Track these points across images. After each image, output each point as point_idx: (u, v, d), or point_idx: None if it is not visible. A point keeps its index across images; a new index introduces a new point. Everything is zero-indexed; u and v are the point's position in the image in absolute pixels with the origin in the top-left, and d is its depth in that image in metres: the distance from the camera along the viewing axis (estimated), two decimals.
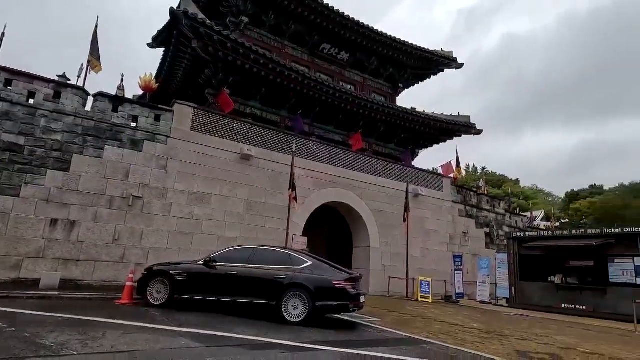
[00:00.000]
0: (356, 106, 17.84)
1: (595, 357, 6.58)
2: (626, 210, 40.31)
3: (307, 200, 15.98)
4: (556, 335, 8.93)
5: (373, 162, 18.55)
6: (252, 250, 8.12)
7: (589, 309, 13.19)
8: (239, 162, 14.46)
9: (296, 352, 5.10)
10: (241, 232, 14.01)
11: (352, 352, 5.44)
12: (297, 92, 16.70)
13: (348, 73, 21.26)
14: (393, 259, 17.84)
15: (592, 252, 13.53)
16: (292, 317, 7.11)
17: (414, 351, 5.97)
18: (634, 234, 12.69)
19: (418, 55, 21.17)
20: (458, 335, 7.83)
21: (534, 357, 6.25)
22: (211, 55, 14.49)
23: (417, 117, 19.47)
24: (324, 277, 7.31)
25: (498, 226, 23.00)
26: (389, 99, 22.32)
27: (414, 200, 18.85)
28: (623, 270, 12.91)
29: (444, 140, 22.24)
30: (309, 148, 16.51)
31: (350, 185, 17.42)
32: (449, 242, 20.19)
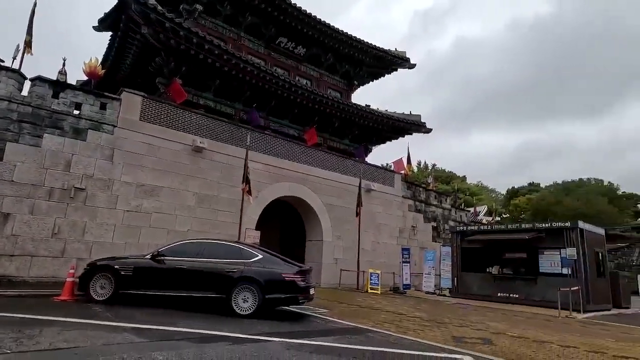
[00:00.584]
0: (312, 101, 17.99)
1: (521, 340, 7.23)
2: (558, 206, 43.85)
3: (261, 194, 15.96)
4: (490, 321, 9.66)
5: (327, 157, 18.83)
6: (202, 244, 8.06)
7: (521, 297, 14.33)
8: (190, 154, 14.14)
9: (244, 344, 5.19)
10: (192, 226, 13.75)
11: (298, 342, 5.61)
12: (252, 85, 16.55)
13: (304, 68, 21.35)
14: (345, 252, 18.29)
15: (525, 244, 14.69)
16: (242, 310, 7.18)
17: (359, 339, 6.26)
18: (561, 228, 13.93)
19: (373, 53, 21.68)
20: (402, 324, 8.26)
21: (468, 341, 6.76)
22: (162, 43, 14.00)
23: (371, 114, 19.98)
24: (275, 270, 7.43)
25: (444, 220, 24.22)
26: (344, 95, 22.70)
27: (366, 195, 19.37)
28: (551, 261, 14.15)
29: (396, 138, 23.00)
30: (263, 142, 16.45)
31: (305, 180, 17.60)
32: (398, 235, 21.00)
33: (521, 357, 5.77)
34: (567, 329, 9.31)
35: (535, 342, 7.18)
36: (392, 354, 5.44)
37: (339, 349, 5.39)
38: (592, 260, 13.89)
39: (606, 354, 6.45)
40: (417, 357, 5.37)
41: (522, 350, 6.31)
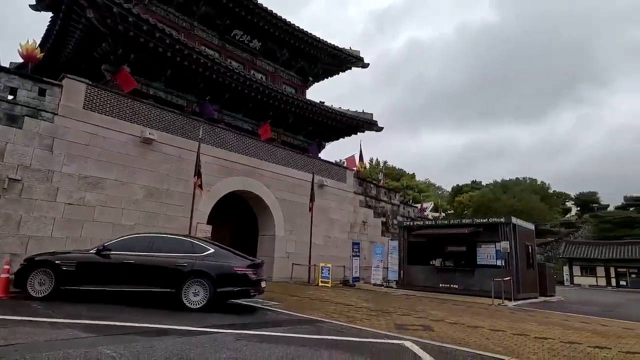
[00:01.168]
0: (266, 96, 17.95)
1: (457, 326, 7.86)
2: (496, 203, 47.10)
3: (213, 188, 15.75)
4: (431, 310, 10.34)
5: (281, 152, 18.92)
6: (152, 238, 7.92)
7: (460, 287, 15.35)
8: (139, 145, 13.64)
9: (194, 336, 5.25)
10: (140, 220, 13.32)
11: (249, 333, 5.76)
12: (205, 77, 16.21)
13: (260, 62, 21.22)
14: (297, 247, 18.52)
15: (465, 239, 15.73)
16: (193, 304, 7.18)
17: (309, 329, 6.52)
18: (496, 223, 15.09)
19: (328, 51, 21.97)
20: (350, 314, 8.65)
21: (409, 328, 7.25)
22: (109, 29, 13.33)
23: (325, 111, 20.29)
24: (226, 263, 7.49)
25: (393, 216, 25.19)
26: (299, 91, 22.84)
27: (319, 191, 19.71)
28: (487, 254, 15.28)
29: (349, 135, 23.50)
30: (216, 135, 16.22)
31: (258, 174, 17.58)
32: (349, 230, 21.58)
33: (456, 340, 6.31)
34: (498, 315, 10.18)
35: (469, 327, 7.84)
36: (339, 341, 5.75)
37: (288, 339, 5.60)
38: (523, 253, 15.19)
39: (529, 336, 7.20)
40: (363, 343, 5.72)
41: (457, 334, 6.88)
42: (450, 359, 5.09)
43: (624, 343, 6.98)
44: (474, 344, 6.06)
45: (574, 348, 6.29)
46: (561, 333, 7.76)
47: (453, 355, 5.25)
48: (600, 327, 9.00)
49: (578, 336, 7.46)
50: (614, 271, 38.04)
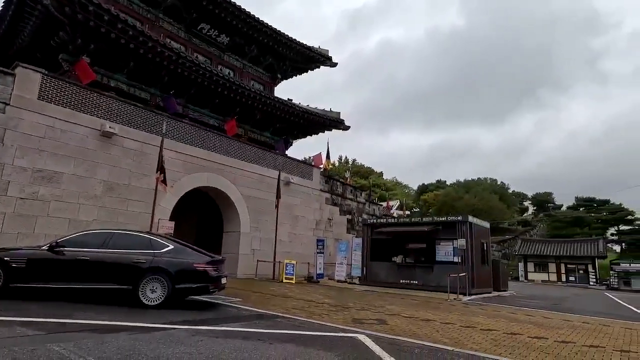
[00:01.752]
0: (233, 92, 17.84)
1: (411, 320, 8.23)
2: (459, 201, 48.84)
3: (177, 184, 15.53)
4: (389, 305, 10.72)
5: (247, 148, 18.86)
6: (109, 234, 7.78)
7: (420, 283, 15.92)
8: (99, 139, 13.25)
9: (148, 333, 5.27)
10: (98, 216, 12.97)
11: (206, 328, 5.83)
12: (170, 70, 15.93)
13: (227, 57, 21.01)
14: (262, 244, 18.57)
15: (425, 236, 16.32)
16: (150, 301, 7.14)
17: (267, 324, 6.66)
18: (453, 221, 15.75)
19: (296, 49, 22.05)
20: (310, 309, 8.85)
21: (365, 322, 7.53)
22: (68, 17, 12.85)
23: (292, 108, 20.39)
24: (185, 260, 7.48)
25: (359, 213, 25.67)
26: (267, 87, 22.80)
27: (285, 188, 19.81)
28: (445, 250, 15.93)
29: (316, 133, 23.74)
30: (181, 130, 15.97)
31: (223, 171, 17.46)
32: (315, 227, 21.82)
33: (407, 332, 6.64)
34: (451, 309, 10.69)
35: (423, 320, 8.23)
36: (295, 335, 5.92)
37: (245, 333, 5.73)
38: (478, 250, 15.94)
39: (476, 328, 7.65)
40: (318, 337, 5.92)
41: (410, 327, 7.22)
42: (399, 350, 5.37)
43: (560, 333, 7.56)
44: (424, 336, 6.41)
45: (514, 338, 6.76)
46: (506, 325, 8.29)
47: (401, 347, 5.54)
48: (543, 320, 9.67)
49: (520, 328, 8.01)
50: (564, 267, 40.46)
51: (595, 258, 38.80)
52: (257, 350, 4.70)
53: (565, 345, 6.47)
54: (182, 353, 4.33)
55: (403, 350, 5.36)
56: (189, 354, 4.31)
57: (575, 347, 6.35)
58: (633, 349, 6.44)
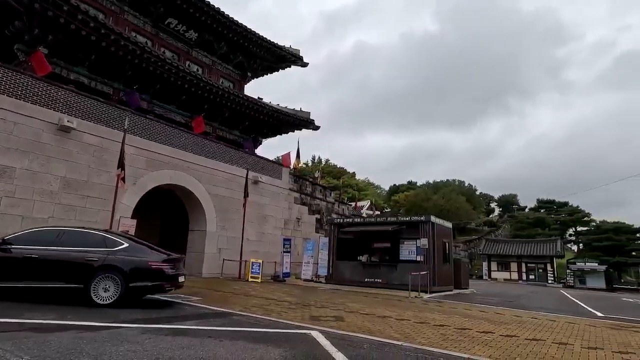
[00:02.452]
0: (200, 89, 17.61)
1: (368, 316, 8.41)
2: (427, 202, 49.98)
3: (140, 181, 15.19)
4: (350, 303, 10.89)
5: (215, 146, 18.65)
6: (60, 232, 7.55)
7: (384, 282, 16.22)
8: (56, 133, 12.79)
9: (96, 331, 5.18)
10: (55, 213, 12.52)
11: (157, 327, 5.77)
12: (134, 64, 15.55)
13: (196, 53, 20.70)
14: (229, 242, 18.42)
15: (390, 235, 16.64)
16: (102, 300, 6.99)
17: (221, 322, 6.66)
18: (417, 221, 16.16)
19: (267, 47, 21.97)
20: (270, 307, 8.89)
21: (322, 319, 7.65)
22: (24, 6, 12.35)
23: (262, 107, 20.32)
24: (140, 258, 7.36)
25: (328, 213, 25.86)
26: (237, 85, 22.62)
27: (253, 187, 19.73)
28: (409, 249, 16.30)
29: (286, 132, 23.75)
30: (145, 126, 15.62)
31: (190, 169, 17.20)
32: (283, 226, 21.83)
33: (361, 329, 6.79)
34: (410, 306, 10.99)
35: (379, 317, 8.43)
36: (247, 332, 5.96)
37: (196, 331, 5.72)
38: (440, 249, 16.41)
39: (429, 324, 7.91)
40: (270, 333, 5.98)
41: (365, 323, 7.39)
42: (348, 345, 5.51)
43: (507, 328, 7.93)
44: (377, 332, 6.58)
45: (464, 333, 7.04)
46: (459, 321, 8.61)
47: (352, 342, 5.68)
48: (495, 316, 10.09)
49: (472, 323, 8.33)
50: (525, 266, 42.17)
51: (553, 257, 40.65)
52: (204, 347, 4.71)
53: (510, 338, 6.80)
54: (125, 351, 4.29)
55: (352, 345, 5.50)
56: (132, 352, 4.27)
57: (518, 340, 6.68)
58: (570, 341, 6.85)
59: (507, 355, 5.50)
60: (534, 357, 5.49)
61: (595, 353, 6.00)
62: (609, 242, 42.54)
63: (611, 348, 6.43)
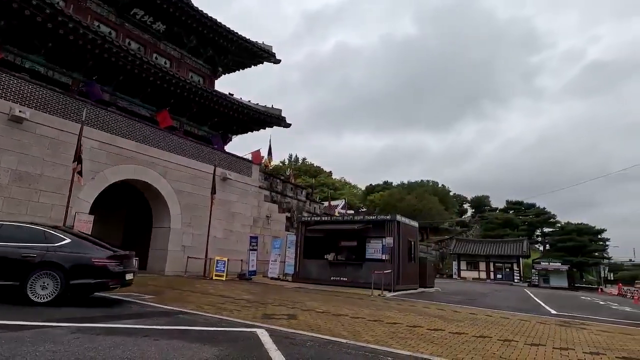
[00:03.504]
0: (166, 82, 17.15)
1: (324, 315, 8.35)
2: (401, 202, 50.55)
3: (99, 175, 14.67)
4: (310, 301, 10.81)
5: (182, 141, 18.23)
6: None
7: (349, 280, 16.24)
8: (6, 124, 12.18)
9: (20, 331, 4.89)
10: (4, 207, 11.93)
11: (91, 326, 5.51)
12: (95, 55, 14.97)
13: (164, 46, 20.16)
14: (195, 240, 18.05)
15: (356, 234, 16.69)
16: (40, 298, 6.66)
17: (166, 321, 6.45)
18: (383, 220, 16.26)
19: (238, 43, 21.63)
20: (224, 306, 8.70)
21: (275, 317, 7.53)
22: None
23: (231, 103, 19.99)
24: (83, 254, 7.05)
25: (299, 211, 25.73)
26: (208, 80, 22.20)
27: (221, 184, 19.41)
28: (375, 248, 16.38)
29: (257, 129, 23.46)
30: (106, 119, 15.09)
31: (154, 164, 16.75)
32: (252, 224, 21.57)
33: (311, 326, 6.72)
34: (369, 305, 11.00)
35: (334, 315, 8.38)
36: (189, 331, 5.78)
37: (134, 330, 5.50)
38: (405, 248, 16.56)
39: (382, 321, 7.92)
40: (213, 332, 5.83)
41: (317, 322, 7.32)
42: (291, 343, 5.41)
43: (459, 326, 8.02)
44: (326, 330, 6.52)
45: (414, 331, 7.07)
46: (413, 318, 8.67)
47: (295, 340, 5.59)
48: (451, 313, 10.23)
49: (425, 321, 8.40)
50: (493, 266, 43.26)
51: (519, 257, 41.86)
52: (134, 347, 4.52)
53: (458, 336, 6.87)
54: (44, 351, 4.05)
55: (295, 343, 5.41)
56: (52, 352, 4.04)
57: (465, 337, 6.76)
58: (516, 338, 6.98)
59: (449, 351, 5.53)
60: (476, 353, 5.55)
61: (536, 349, 6.12)
62: (572, 242, 44.12)
63: (553, 344, 6.59)
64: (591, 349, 6.34)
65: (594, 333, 8.35)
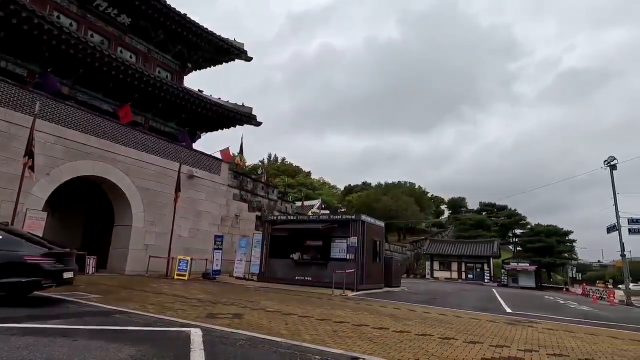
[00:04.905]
0: (129, 76, 16.70)
1: (272, 314, 8.24)
2: (377, 203, 50.92)
3: (55, 171, 14.17)
4: (265, 300, 10.69)
5: (146, 138, 17.81)
6: None
7: (314, 280, 16.17)
8: None
9: None
10: None
11: (6, 326, 5.24)
12: (52, 46, 14.44)
13: (130, 39, 19.64)
14: (158, 239, 17.65)
15: (322, 233, 16.60)
16: None
17: (98, 320, 6.24)
18: (348, 220, 16.27)
19: (208, 39, 21.27)
20: (171, 305, 8.49)
21: (219, 317, 7.39)
22: None
23: (199, 99, 19.66)
24: (13, 252, 6.74)
25: (270, 210, 25.53)
26: (176, 76, 21.77)
27: (188, 181, 19.07)
28: (340, 248, 16.34)
29: (227, 127, 23.15)
30: (63, 112, 14.59)
31: (116, 160, 16.31)
32: (220, 223, 21.28)
33: (253, 325, 6.60)
34: (326, 304, 10.94)
35: (284, 314, 8.29)
36: (115, 330, 5.60)
37: (56, 330, 5.28)
38: (370, 247, 16.60)
39: (330, 320, 7.87)
40: (142, 332, 5.65)
41: (262, 321, 7.20)
42: (221, 342, 5.28)
43: (405, 324, 8.03)
44: (266, 329, 6.42)
45: (358, 329, 7.04)
46: (363, 317, 8.64)
47: (228, 339, 5.45)
48: (405, 312, 10.27)
49: (374, 320, 8.38)
50: (465, 266, 44.02)
51: (490, 257, 42.72)
52: (46, 347, 4.32)
53: (401, 334, 6.88)
54: None
55: (225, 343, 5.29)
56: None
57: (408, 335, 6.76)
58: (457, 336, 7.02)
59: (383, 349, 5.52)
60: (410, 351, 5.56)
61: (472, 346, 6.18)
62: (541, 243, 45.37)
63: (491, 342, 6.67)
64: (526, 347, 6.44)
65: (538, 331, 8.52)
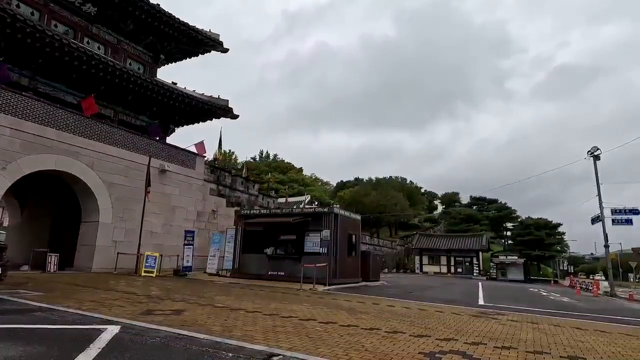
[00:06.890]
0: (94, 67, 16.11)
1: (218, 309, 7.78)
2: (366, 198, 50.59)
3: (12, 165, 13.60)
4: (220, 296, 10.20)
5: (113, 130, 17.23)
6: None
7: (286, 274, 15.72)
8: None
9: None
10: None
11: None
12: (7, 35, 13.84)
13: (97, 30, 19.00)
14: (128, 235, 17.12)
15: (296, 227, 16.13)
16: None
17: (15, 319, 5.82)
18: (321, 213, 15.82)
19: (181, 29, 20.66)
20: (112, 302, 8.02)
21: (159, 313, 6.95)
22: None
23: (170, 91, 19.09)
24: None
25: (250, 206, 25.00)
26: (149, 68, 21.17)
27: (160, 176, 18.55)
28: (313, 242, 15.90)
29: (203, 120, 22.61)
30: (20, 104, 13.99)
31: (80, 154, 15.73)
32: (196, 219, 20.76)
33: (187, 322, 6.14)
34: (287, 299, 10.48)
35: (231, 310, 7.84)
36: (30, 329, 5.21)
37: None
38: (344, 241, 16.15)
39: (279, 315, 7.43)
40: (55, 330, 5.25)
41: (201, 317, 6.74)
42: (131, 340, 4.84)
43: (358, 319, 7.56)
44: (198, 325, 5.97)
45: (303, 324, 6.60)
46: (317, 312, 8.21)
47: (144, 337, 5.01)
48: (367, 307, 9.79)
49: (327, 314, 7.94)
50: (454, 260, 43.81)
51: (479, 251, 42.52)
52: None
53: (347, 328, 6.46)
54: None
55: (135, 341, 4.84)
56: None
57: (354, 330, 6.36)
58: (406, 330, 6.61)
59: (315, 345, 5.10)
60: (345, 346, 5.14)
61: (417, 340, 5.76)
62: (531, 236, 45.21)
63: (440, 335, 6.25)
64: (476, 340, 6.04)
65: (501, 323, 8.14)
